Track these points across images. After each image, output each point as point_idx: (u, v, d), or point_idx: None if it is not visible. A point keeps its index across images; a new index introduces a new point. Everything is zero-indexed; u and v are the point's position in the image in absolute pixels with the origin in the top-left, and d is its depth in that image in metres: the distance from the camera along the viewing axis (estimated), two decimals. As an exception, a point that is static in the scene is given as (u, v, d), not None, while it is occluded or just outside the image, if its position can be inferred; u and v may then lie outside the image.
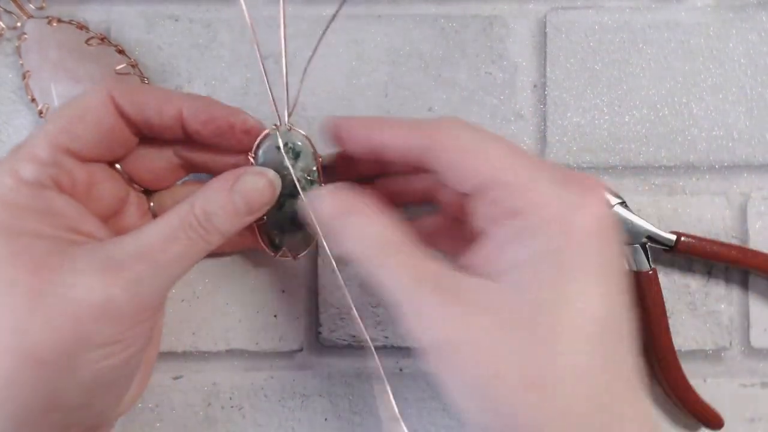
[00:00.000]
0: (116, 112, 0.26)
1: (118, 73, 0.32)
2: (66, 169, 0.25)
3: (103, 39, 0.33)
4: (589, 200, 0.22)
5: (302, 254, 0.31)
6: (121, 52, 0.33)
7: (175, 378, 0.34)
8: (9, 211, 0.23)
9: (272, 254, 0.31)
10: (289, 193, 0.29)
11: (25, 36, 0.32)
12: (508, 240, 0.23)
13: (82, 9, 0.34)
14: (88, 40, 0.32)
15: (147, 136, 0.28)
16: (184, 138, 0.28)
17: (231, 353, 0.34)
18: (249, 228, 0.31)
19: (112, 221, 0.29)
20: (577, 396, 0.21)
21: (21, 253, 0.23)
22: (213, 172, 0.30)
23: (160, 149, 0.29)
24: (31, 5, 0.33)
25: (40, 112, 0.32)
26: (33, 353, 0.22)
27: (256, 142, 0.28)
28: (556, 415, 0.21)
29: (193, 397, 0.34)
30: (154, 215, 0.30)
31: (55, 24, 0.32)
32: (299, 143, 0.28)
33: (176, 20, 0.34)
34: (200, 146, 0.29)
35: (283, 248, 0.31)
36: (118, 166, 0.29)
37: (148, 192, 0.31)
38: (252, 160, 0.28)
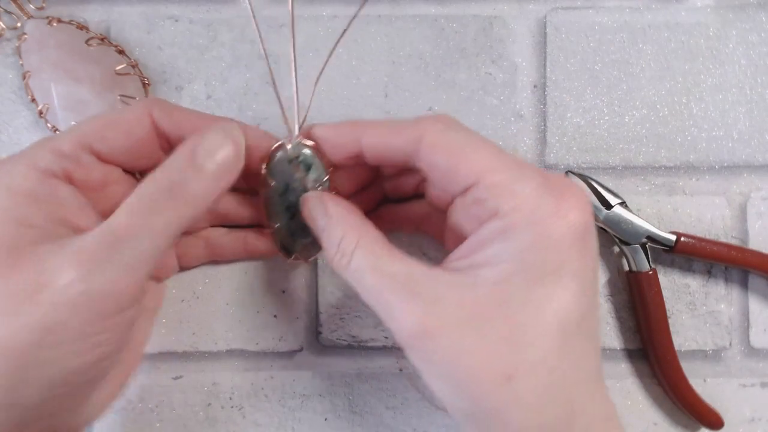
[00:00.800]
0: (151, 128, 0.27)
1: (118, 74, 0.32)
2: (83, 165, 0.26)
3: (103, 39, 0.33)
4: (568, 207, 0.23)
5: (313, 257, 0.32)
6: (121, 52, 0.33)
7: (175, 378, 0.34)
8: (11, 197, 0.24)
9: (286, 258, 0.31)
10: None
11: (25, 36, 0.32)
12: (487, 239, 0.24)
13: (82, 9, 0.34)
14: (88, 40, 0.32)
15: None
16: None
17: (231, 353, 0.34)
18: (259, 236, 0.32)
19: None
20: (539, 387, 0.23)
21: (3, 240, 0.23)
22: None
23: None
24: (31, 5, 0.33)
25: (40, 112, 0.32)
26: None
27: (269, 155, 0.29)
28: (520, 403, 0.23)
29: (193, 397, 0.34)
30: None
31: (55, 24, 0.32)
32: (309, 155, 0.29)
33: (176, 20, 0.34)
34: None
35: (296, 253, 0.31)
36: None
37: None
38: (264, 171, 0.29)
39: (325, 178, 0.29)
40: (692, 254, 0.33)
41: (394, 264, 0.25)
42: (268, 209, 0.30)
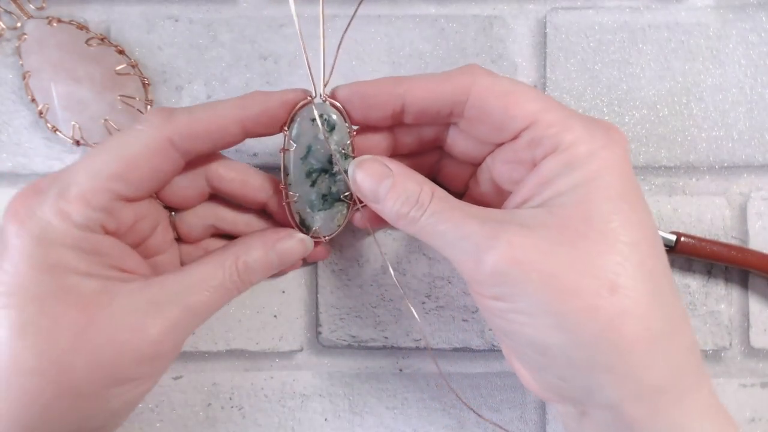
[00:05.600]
0: (173, 154, 0.26)
1: (118, 74, 0.32)
2: (115, 214, 0.26)
3: (103, 39, 0.33)
4: (615, 139, 0.25)
5: (331, 236, 0.30)
6: (121, 52, 0.33)
7: (175, 378, 0.34)
8: (59, 251, 0.24)
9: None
10: (321, 168, 0.28)
11: (25, 36, 0.32)
12: (551, 174, 0.24)
13: (82, 9, 0.34)
14: (88, 40, 0.32)
15: (201, 156, 0.28)
16: (243, 138, 0.28)
17: (231, 353, 0.34)
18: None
19: (143, 244, 0.29)
20: (643, 295, 0.23)
21: (69, 291, 0.24)
22: (238, 199, 0.30)
23: (194, 178, 0.29)
24: (31, 5, 0.33)
25: (40, 112, 0.32)
26: (74, 387, 0.24)
27: (290, 116, 0.28)
28: (629, 314, 0.22)
29: (193, 397, 0.34)
30: (173, 226, 0.30)
31: (55, 24, 0.32)
32: (334, 116, 0.28)
33: (176, 20, 0.34)
34: (233, 171, 0.30)
35: (314, 228, 0.30)
36: None
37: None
38: (286, 134, 0.28)
39: (348, 141, 0.28)
40: (692, 254, 0.33)
41: (469, 207, 0.25)
42: (287, 177, 0.29)
